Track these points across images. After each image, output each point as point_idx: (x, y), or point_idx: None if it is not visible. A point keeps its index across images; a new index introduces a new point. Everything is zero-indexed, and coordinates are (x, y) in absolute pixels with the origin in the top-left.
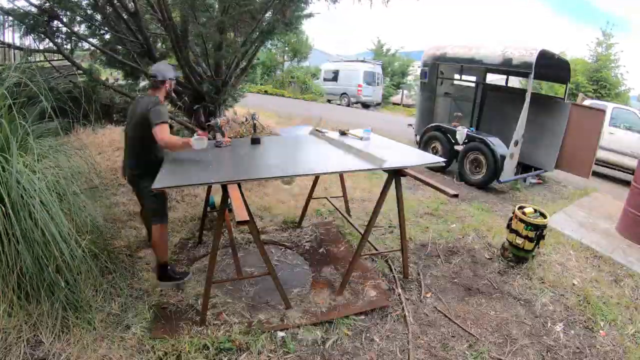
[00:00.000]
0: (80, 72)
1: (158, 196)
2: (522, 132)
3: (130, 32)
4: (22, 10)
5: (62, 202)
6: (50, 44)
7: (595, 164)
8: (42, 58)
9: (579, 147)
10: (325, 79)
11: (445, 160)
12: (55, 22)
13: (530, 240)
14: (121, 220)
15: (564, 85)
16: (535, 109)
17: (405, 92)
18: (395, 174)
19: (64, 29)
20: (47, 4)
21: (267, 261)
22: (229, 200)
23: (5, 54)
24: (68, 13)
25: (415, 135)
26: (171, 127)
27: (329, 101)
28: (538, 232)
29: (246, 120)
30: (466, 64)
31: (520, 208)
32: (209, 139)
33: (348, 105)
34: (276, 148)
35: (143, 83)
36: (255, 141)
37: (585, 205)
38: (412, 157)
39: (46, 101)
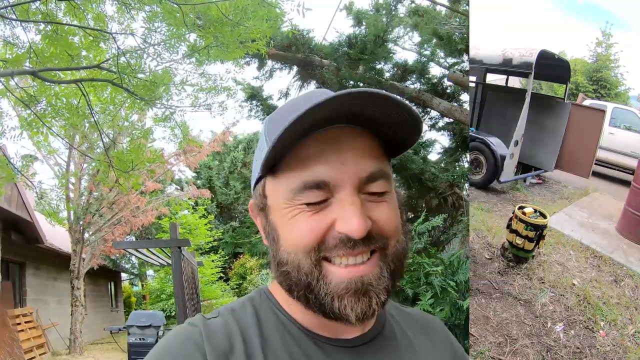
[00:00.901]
0: None
1: None
2: (522, 132)
3: None
4: None
5: None
6: None
7: (595, 164)
8: None
9: (579, 147)
10: None
11: None
12: None
13: (530, 240)
14: None
15: (564, 85)
16: (536, 109)
17: None
18: None
19: None
20: None
21: None
22: None
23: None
24: None
25: None
26: None
27: None
28: (538, 232)
29: None
30: None
31: (520, 208)
32: None
33: None
34: None
35: None
36: None
37: (585, 205)
38: None
39: None
